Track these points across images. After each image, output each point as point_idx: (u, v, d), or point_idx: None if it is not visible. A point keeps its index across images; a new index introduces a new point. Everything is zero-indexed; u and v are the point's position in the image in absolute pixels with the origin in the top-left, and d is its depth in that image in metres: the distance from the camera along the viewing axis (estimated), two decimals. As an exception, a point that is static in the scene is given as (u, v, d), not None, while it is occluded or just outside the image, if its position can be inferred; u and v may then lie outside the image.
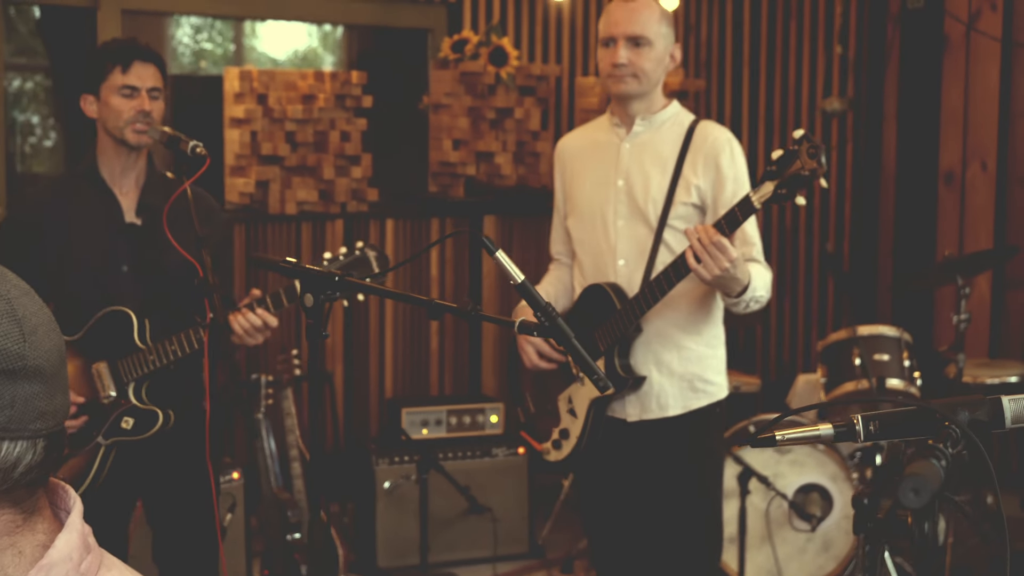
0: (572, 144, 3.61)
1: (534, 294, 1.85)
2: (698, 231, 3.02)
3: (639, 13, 3.32)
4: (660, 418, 3.37)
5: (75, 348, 3.38)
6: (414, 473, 5.16)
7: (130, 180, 3.44)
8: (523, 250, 6.29)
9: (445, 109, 6.08)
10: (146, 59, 3.37)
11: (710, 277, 3.04)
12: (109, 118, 3.36)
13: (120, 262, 3.38)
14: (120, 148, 3.38)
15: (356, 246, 3.29)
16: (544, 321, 1.81)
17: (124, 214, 3.42)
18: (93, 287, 3.36)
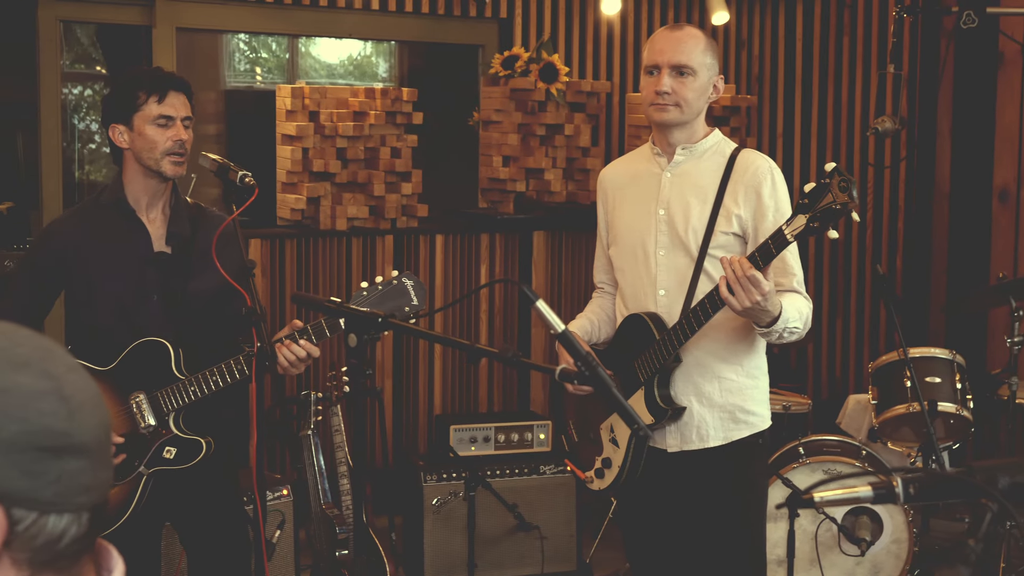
0: (614, 174, 3.62)
1: (575, 343, 1.86)
2: (732, 263, 3.02)
3: (684, 43, 3.32)
4: (701, 449, 3.36)
5: (108, 379, 3.37)
6: (462, 490, 5.18)
7: (157, 209, 3.43)
8: (572, 266, 6.29)
9: (495, 125, 6.10)
10: (179, 89, 3.37)
11: (741, 308, 3.03)
12: (144, 149, 3.33)
13: (149, 292, 3.37)
14: (151, 178, 3.37)
15: (392, 275, 3.28)
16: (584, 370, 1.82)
17: (153, 243, 3.41)
18: (123, 318, 3.35)
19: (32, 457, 1.22)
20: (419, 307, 3.26)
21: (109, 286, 3.36)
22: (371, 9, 5.97)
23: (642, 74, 3.39)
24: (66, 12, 5.51)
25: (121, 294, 3.36)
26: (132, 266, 3.37)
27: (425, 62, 8.14)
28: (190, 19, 5.70)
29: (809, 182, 2.95)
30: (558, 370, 1.90)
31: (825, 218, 2.89)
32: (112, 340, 3.35)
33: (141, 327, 3.35)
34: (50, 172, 5.53)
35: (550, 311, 1.89)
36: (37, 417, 1.23)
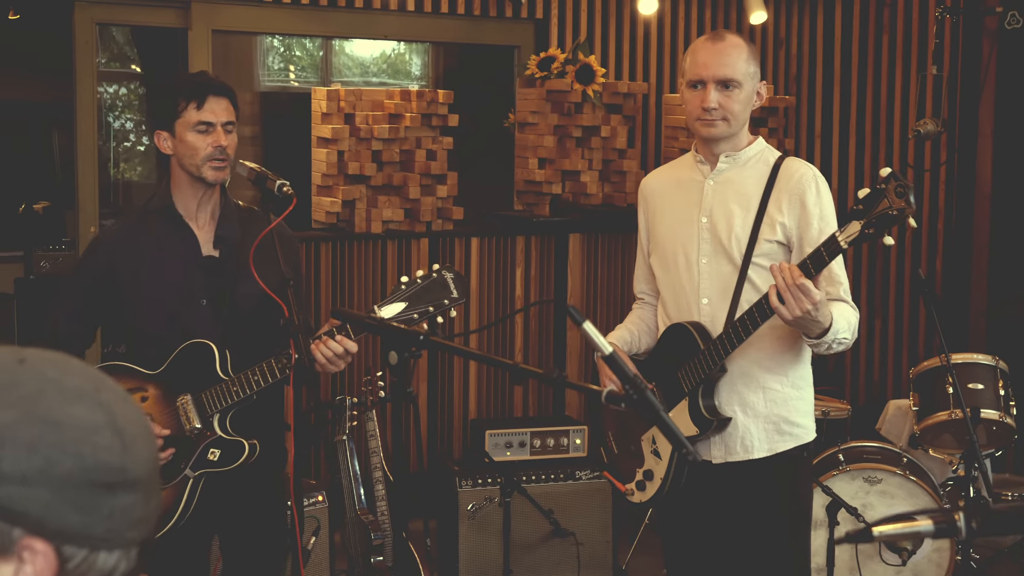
0: (655, 182, 3.57)
1: (623, 365, 1.81)
2: (782, 270, 2.96)
3: (728, 55, 3.26)
4: (745, 460, 3.31)
5: (157, 382, 3.39)
6: (497, 495, 5.15)
7: (206, 213, 3.43)
8: (609, 269, 6.25)
9: (531, 127, 6.06)
10: (219, 93, 3.35)
11: (791, 318, 2.98)
12: (185, 155, 3.34)
13: (198, 296, 3.38)
14: (196, 183, 3.37)
15: (433, 268, 3.25)
16: (632, 393, 1.78)
17: (201, 247, 3.41)
18: (172, 322, 3.36)
19: (86, 493, 1.20)
20: (459, 300, 3.23)
21: (158, 291, 3.37)
22: (407, 10, 5.94)
23: (684, 86, 3.33)
24: (102, 14, 5.50)
25: (170, 299, 3.37)
26: (180, 271, 3.38)
27: (460, 63, 8.12)
28: (226, 21, 5.69)
29: (850, 185, 2.88)
30: (604, 392, 1.86)
31: (881, 224, 2.83)
32: (162, 344, 3.37)
33: (190, 331, 3.36)
34: (86, 173, 5.52)
35: (597, 333, 1.85)
36: (93, 452, 1.20)
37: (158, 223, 3.41)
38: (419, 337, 2.10)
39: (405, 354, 2.11)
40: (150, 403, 3.40)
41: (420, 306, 3.18)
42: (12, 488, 1.17)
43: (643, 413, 1.81)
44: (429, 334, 2.12)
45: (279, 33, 7.57)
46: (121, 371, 3.42)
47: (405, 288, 3.19)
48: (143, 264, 3.38)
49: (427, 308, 3.18)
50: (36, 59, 9.07)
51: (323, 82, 9.07)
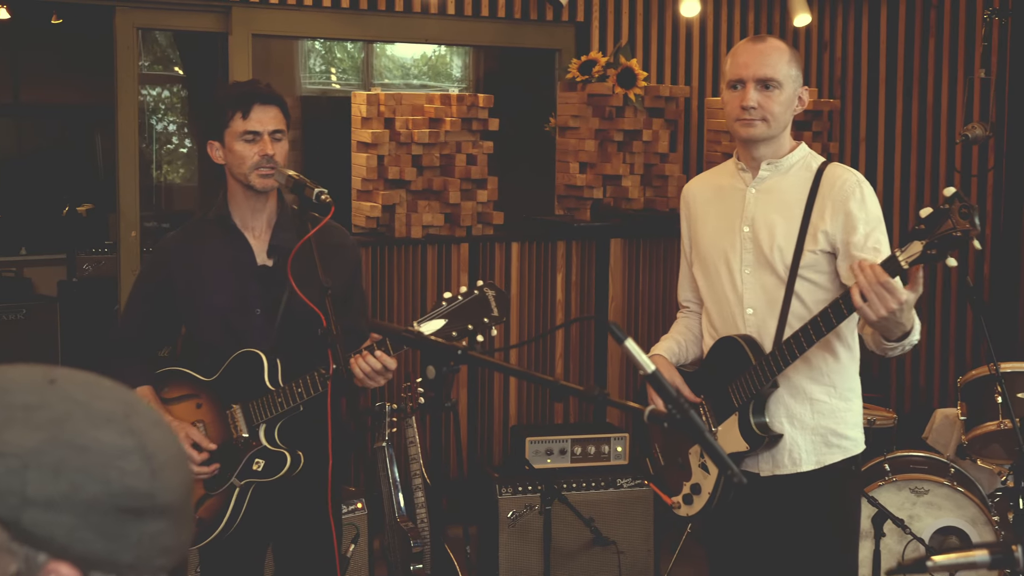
0: (697, 189, 3.51)
1: (665, 385, 1.77)
2: (863, 268, 2.86)
3: (768, 55, 3.21)
4: (793, 473, 3.25)
5: (210, 389, 3.42)
6: (538, 503, 5.10)
7: (261, 222, 3.44)
8: (650, 274, 6.19)
9: (572, 131, 6.01)
10: (266, 102, 3.35)
11: (875, 318, 2.87)
12: (234, 164, 3.36)
13: (252, 305, 3.38)
14: (248, 192, 3.38)
15: (476, 284, 3.21)
16: (676, 414, 1.73)
17: (256, 256, 3.42)
18: (227, 331, 3.38)
19: (113, 519, 1.17)
20: (500, 319, 3.19)
21: (214, 301, 3.39)
22: (447, 14, 5.91)
23: (724, 88, 3.28)
24: (143, 19, 5.51)
25: (225, 308, 3.39)
26: (235, 280, 3.40)
27: (500, 66, 8.08)
28: (266, 26, 5.68)
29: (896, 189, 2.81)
30: (647, 411, 1.81)
31: (944, 245, 2.75)
32: (218, 352, 3.39)
33: (244, 340, 3.37)
34: (127, 178, 5.53)
35: (639, 351, 1.80)
36: (119, 477, 1.17)
37: (215, 232, 3.44)
38: (457, 352, 2.06)
39: (443, 369, 2.07)
40: (203, 410, 3.43)
41: (459, 324, 3.15)
42: (37, 513, 1.14)
43: (687, 434, 1.76)
44: (467, 349, 2.07)
45: (319, 37, 7.57)
46: (178, 377, 3.47)
47: (446, 305, 3.16)
48: (199, 273, 3.41)
49: (466, 326, 3.15)
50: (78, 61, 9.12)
51: (364, 84, 9.07)
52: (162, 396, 3.48)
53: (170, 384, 3.48)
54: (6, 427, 1.14)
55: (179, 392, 3.47)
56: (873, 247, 3.11)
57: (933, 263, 2.79)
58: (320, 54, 9.21)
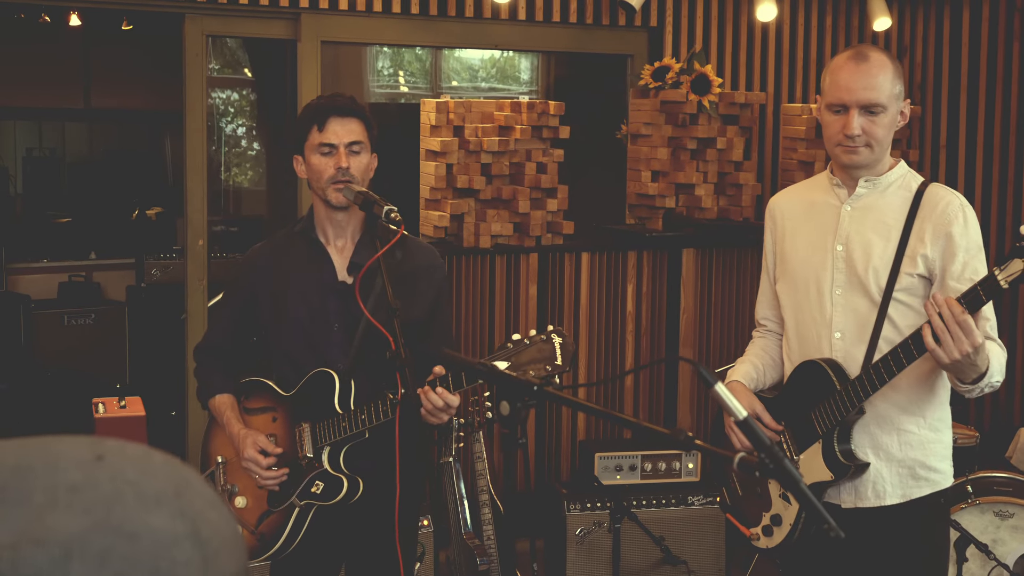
0: (786, 203, 3.36)
1: (757, 431, 1.66)
2: (938, 305, 2.74)
3: (875, 77, 3.05)
4: (877, 507, 3.11)
5: (286, 404, 3.39)
6: (606, 520, 5.00)
7: (345, 237, 3.39)
8: (724, 286, 6.05)
9: (644, 139, 5.89)
10: (344, 114, 3.29)
11: (949, 360, 2.76)
12: (313, 178, 3.32)
13: (332, 321, 3.33)
14: (328, 207, 3.33)
15: (547, 329, 3.11)
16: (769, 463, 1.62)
17: (337, 273, 3.36)
18: (307, 346, 3.34)
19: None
20: (562, 368, 3.09)
21: (295, 314, 3.36)
22: (517, 19, 5.82)
23: (823, 108, 3.13)
24: (213, 27, 5.47)
25: (305, 323, 3.35)
26: (316, 295, 3.36)
27: (570, 71, 7.97)
28: (335, 32, 5.62)
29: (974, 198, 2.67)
30: (737, 459, 1.70)
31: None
32: (298, 367, 3.37)
33: (323, 356, 3.33)
34: (195, 185, 5.49)
35: (730, 395, 1.69)
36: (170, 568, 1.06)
37: (300, 246, 3.42)
38: (533, 388, 1.96)
39: (518, 405, 1.97)
40: (278, 424, 3.41)
41: (521, 369, 3.05)
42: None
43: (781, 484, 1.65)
44: (543, 385, 1.97)
45: (389, 44, 7.50)
46: (261, 388, 3.46)
47: (512, 347, 3.06)
48: (282, 287, 3.38)
49: (528, 372, 3.05)
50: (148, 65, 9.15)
51: (432, 88, 9.00)
52: (244, 406, 3.47)
53: (254, 395, 3.48)
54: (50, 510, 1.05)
55: (260, 404, 3.46)
56: (970, 278, 2.96)
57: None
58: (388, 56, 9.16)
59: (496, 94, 8.88)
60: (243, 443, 3.35)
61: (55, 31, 8.78)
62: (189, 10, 5.37)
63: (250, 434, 3.37)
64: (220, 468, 3.50)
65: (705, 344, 6.03)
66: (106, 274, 8.57)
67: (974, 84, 6.61)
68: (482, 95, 8.80)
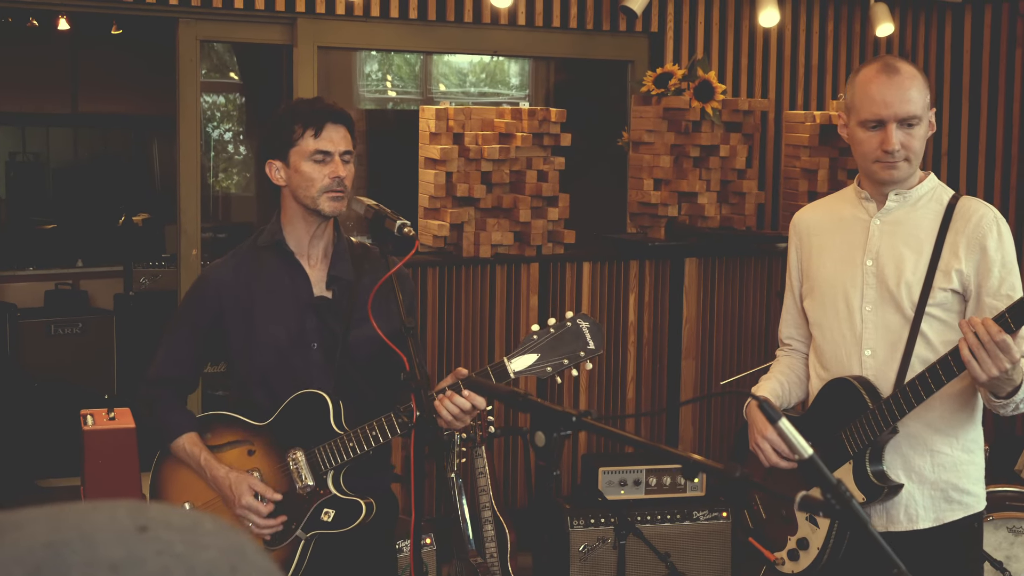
0: (812, 217, 3.25)
1: (824, 471, 1.55)
2: (974, 325, 2.65)
3: (909, 90, 2.95)
4: (908, 531, 3.00)
5: (265, 435, 3.16)
6: (611, 536, 4.89)
7: (319, 250, 3.19)
8: (727, 295, 5.95)
9: (646, 146, 5.79)
10: (337, 121, 3.11)
11: (985, 378, 2.67)
12: (300, 186, 3.10)
13: (309, 339, 3.14)
14: (310, 217, 3.13)
15: (567, 316, 2.99)
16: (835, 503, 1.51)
17: (313, 287, 3.17)
18: (282, 367, 3.12)
19: None
20: (596, 351, 2.95)
21: (267, 334, 3.13)
22: (517, 24, 5.71)
23: (854, 125, 3.02)
24: (207, 31, 5.34)
25: (280, 342, 3.13)
26: (291, 312, 3.14)
27: (569, 77, 7.87)
28: (332, 38, 5.50)
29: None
30: (799, 499, 1.59)
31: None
32: (271, 392, 3.13)
33: (301, 378, 3.12)
34: (188, 194, 5.37)
35: (796, 433, 1.58)
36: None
37: (268, 260, 3.18)
38: (571, 419, 1.84)
39: (554, 435, 1.86)
40: (257, 457, 3.17)
41: (554, 358, 2.92)
42: None
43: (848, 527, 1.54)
44: (582, 415, 1.85)
45: (386, 49, 7.39)
46: (226, 422, 3.20)
47: (537, 338, 2.92)
48: (252, 304, 3.15)
49: (561, 360, 2.92)
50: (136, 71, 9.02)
51: (422, 93, 8.89)
52: (207, 443, 3.20)
53: (215, 429, 3.21)
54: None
55: (228, 438, 3.19)
56: (1007, 294, 2.87)
57: None
58: (377, 60, 9.04)
59: (486, 99, 8.77)
60: (237, 489, 3.09)
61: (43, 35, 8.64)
62: (183, 15, 5.24)
63: (243, 478, 3.11)
64: None
65: (708, 354, 5.93)
66: (93, 282, 8.42)
67: (976, 90, 6.53)
68: (472, 100, 8.69)
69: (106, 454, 5.58)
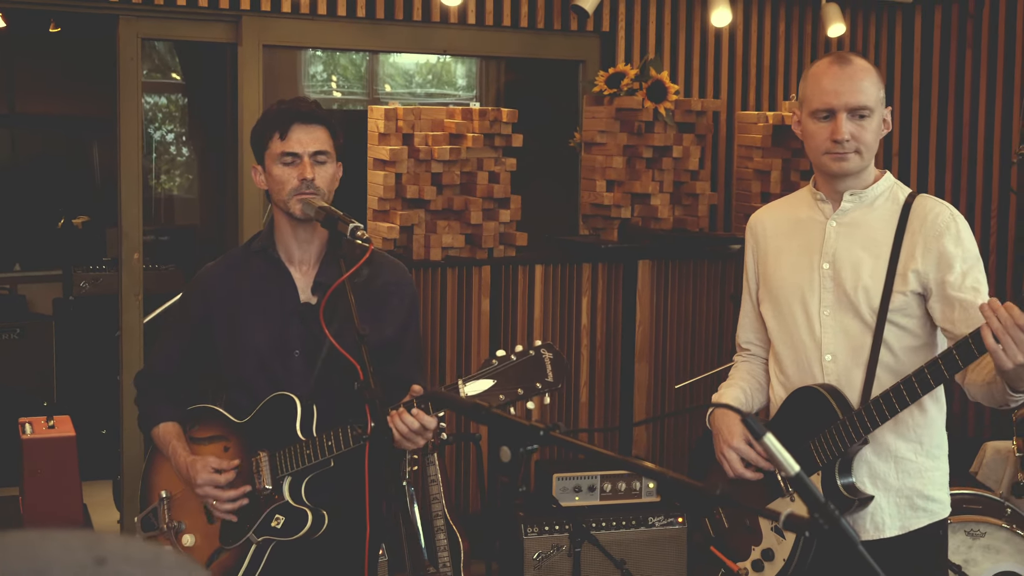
0: (767, 220, 3.18)
1: (812, 489, 1.48)
2: (997, 309, 2.54)
3: (861, 81, 2.90)
4: (875, 539, 2.94)
5: (239, 433, 3.13)
6: (565, 543, 4.82)
7: (308, 255, 3.12)
8: (680, 298, 5.89)
9: (599, 147, 5.71)
10: (308, 120, 3.04)
11: (1012, 365, 2.55)
12: (274, 189, 3.06)
13: (292, 345, 3.08)
14: (292, 221, 3.07)
15: (534, 344, 2.90)
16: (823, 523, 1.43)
17: (299, 293, 3.11)
18: (264, 372, 3.08)
19: None
20: (554, 386, 2.85)
21: (252, 338, 3.09)
22: (466, 23, 5.61)
23: (805, 116, 2.96)
24: (148, 29, 5.20)
25: (263, 347, 3.09)
26: (276, 318, 3.09)
27: (520, 77, 7.78)
28: (277, 36, 5.38)
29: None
30: (783, 517, 1.51)
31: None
32: (254, 395, 3.10)
33: (282, 382, 3.06)
34: (130, 196, 5.23)
35: (782, 449, 1.51)
36: None
37: (257, 264, 3.15)
38: (539, 433, 1.75)
39: (520, 451, 1.76)
40: (231, 454, 3.14)
41: (509, 387, 2.83)
42: None
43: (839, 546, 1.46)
44: (550, 429, 1.76)
45: (332, 48, 7.26)
46: (209, 416, 3.20)
47: (497, 364, 2.84)
48: (239, 309, 3.11)
49: (516, 390, 2.82)
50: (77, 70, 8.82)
51: (368, 94, 8.77)
52: (192, 435, 3.20)
53: (202, 423, 3.21)
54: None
55: (209, 432, 3.19)
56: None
57: None
58: (322, 61, 8.92)
59: (433, 100, 8.67)
60: (193, 469, 3.08)
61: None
62: (123, 12, 5.10)
63: (199, 459, 3.10)
64: (164, 504, 3.23)
65: (662, 358, 5.86)
66: (32, 286, 8.21)
67: (927, 91, 6.52)
68: (419, 101, 8.58)
69: (45, 463, 5.43)
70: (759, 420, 1.53)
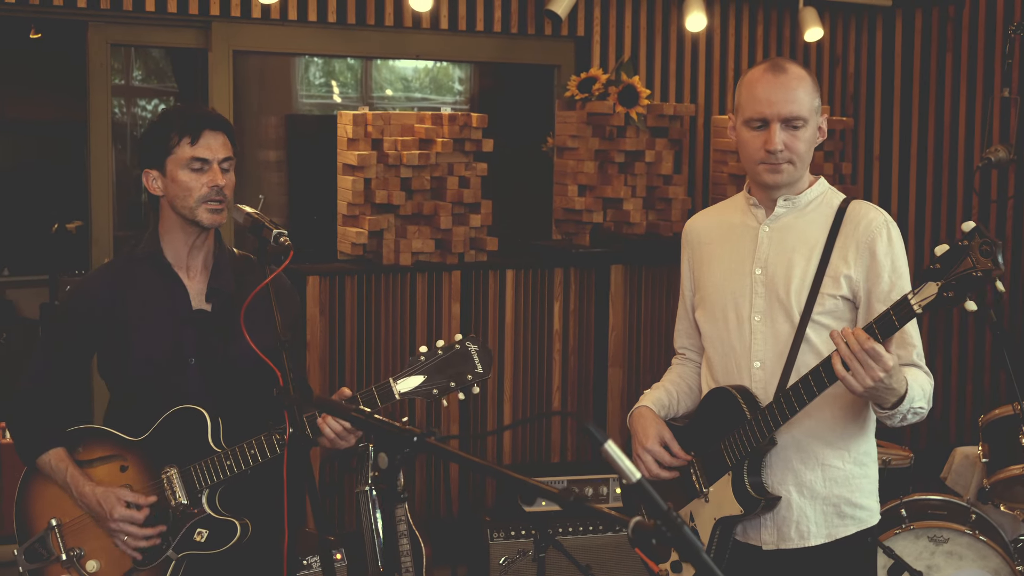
0: (702, 225, 3.17)
1: (653, 497, 1.48)
2: (846, 336, 2.60)
3: (795, 90, 2.88)
4: (800, 548, 2.93)
5: (139, 450, 3.05)
6: (531, 549, 4.81)
7: (198, 262, 3.08)
8: (652, 303, 5.88)
9: (571, 152, 5.72)
10: (216, 128, 3.01)
11: (861, 389, 2.62)
12: (178, 196, 3.00)
13: (187, 354, 3.03)
14: (189, 228, 3.03)
15: (456, 338, 2.92)
16: (666, 530, 1.43)
17: (191, 300, 3.06)
18: (158, 382, 3.02)
19: None
20: (483, 375, 2.91)
21: (143, 348, 3.02)
22: (441, 29, 5.62)
23: (740, 125, 2.95)
24: (117, 35, 5.22)
25: (156, 357, 3.02)
26: (168, 326, 3.03)
27: (496, 82, 7.79)
28: (248, 42, 5.39)
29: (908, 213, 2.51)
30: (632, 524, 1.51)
31: (962, 287, 2.46)
32: (147, 408, 3.02)
33: (177, 393, 3.01)
34: (100, 200, 5.25)
35: (621, 455, 1.51)
36: None
37: (144, 272, 3.06)
38: (412, 439, 1.75)
39: (397, 457, 1.77)
40: (130, 473, 3.05)
41: (439, 380, 2.88)
42: None
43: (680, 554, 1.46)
44: (424, 435, 1.77)
45: (305, 54, 7.27)
46: (98, 436, 3.09)
47: (424, 360, 2.86)
48: (126, 319, 3.03)
49: (447, 383, 2.87)
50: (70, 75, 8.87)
51: (364, 99, 8.78)
52: (77, 458, 3.08)
53: (87, 443, 3.09)
54: None
55: (99, 453, 3.08)
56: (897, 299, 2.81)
57: (949, 307, 2.50)
58: (319, 66, 8.93)
59: (429, 104, 8.68)
60: (107, 503, 2.98)
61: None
62: (92, 18, 5.12)
63: (110, 491, 3.00)
64: (55, 531, 3.08)
65: (635, 362, 5.86)
66: (19, 291, 8.25)
67: (907, 95, 6.51)
68: (416, 105, 8.60)
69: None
70: (599, 428, 1.53)
